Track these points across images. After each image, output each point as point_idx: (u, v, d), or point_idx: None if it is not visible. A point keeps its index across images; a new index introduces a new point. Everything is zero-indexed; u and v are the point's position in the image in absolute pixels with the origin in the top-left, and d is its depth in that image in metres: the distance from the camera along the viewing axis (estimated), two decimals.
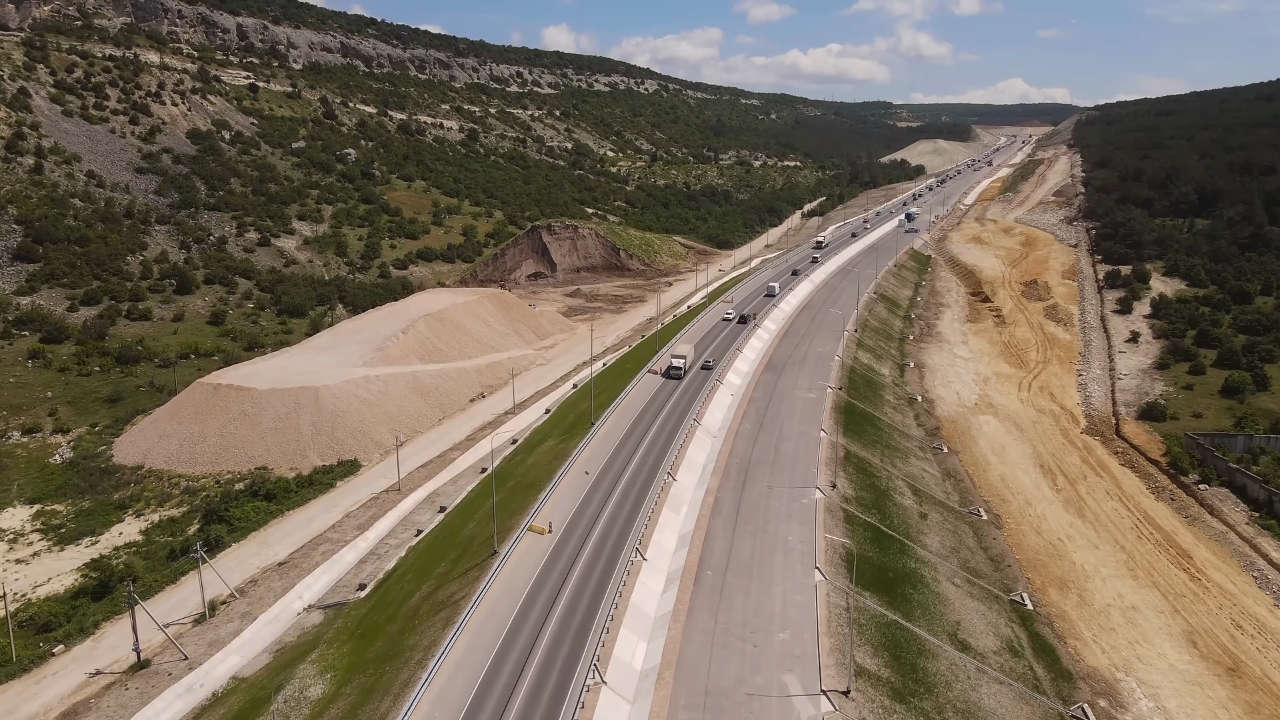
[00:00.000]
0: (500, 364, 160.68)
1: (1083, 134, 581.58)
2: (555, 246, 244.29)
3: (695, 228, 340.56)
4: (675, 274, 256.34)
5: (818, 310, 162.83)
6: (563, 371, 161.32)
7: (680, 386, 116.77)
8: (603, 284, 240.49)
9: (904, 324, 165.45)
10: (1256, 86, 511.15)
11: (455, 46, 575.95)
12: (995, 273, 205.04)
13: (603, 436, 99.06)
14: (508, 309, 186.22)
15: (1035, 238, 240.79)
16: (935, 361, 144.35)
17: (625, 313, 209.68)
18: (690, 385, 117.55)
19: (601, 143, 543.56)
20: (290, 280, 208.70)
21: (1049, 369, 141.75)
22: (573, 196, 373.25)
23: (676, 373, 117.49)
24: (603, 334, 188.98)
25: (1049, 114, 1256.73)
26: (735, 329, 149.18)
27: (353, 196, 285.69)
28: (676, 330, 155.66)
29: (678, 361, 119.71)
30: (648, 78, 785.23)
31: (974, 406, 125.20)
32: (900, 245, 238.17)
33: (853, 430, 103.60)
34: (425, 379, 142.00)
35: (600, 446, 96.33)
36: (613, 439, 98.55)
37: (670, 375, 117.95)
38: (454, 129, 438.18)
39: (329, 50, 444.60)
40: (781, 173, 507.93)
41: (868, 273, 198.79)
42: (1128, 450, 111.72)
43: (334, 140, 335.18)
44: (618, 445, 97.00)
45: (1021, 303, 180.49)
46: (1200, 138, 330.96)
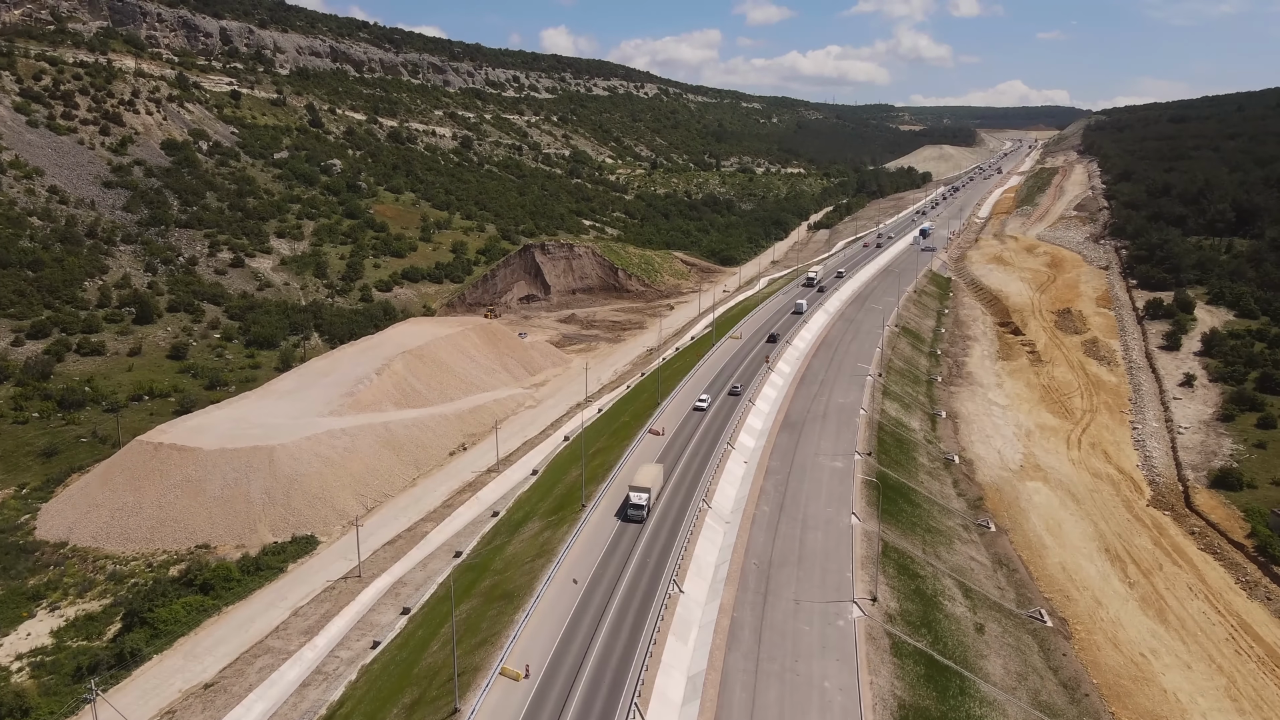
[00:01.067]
0: (485, 407, 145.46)
1: (1093, 140, 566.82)
2: (549, 267, 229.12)
3: (697, 241, 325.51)
4: (677, 295, 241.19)
5: (835, 348, 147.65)
6: (554, 415, 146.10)
7: (686, 455, 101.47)
8: (600, 307, 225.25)
9: (930, 362, 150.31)
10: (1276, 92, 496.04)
11: (450, 50, 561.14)
12: (1023, 299, 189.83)
13: (595, 526, 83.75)
14: (495, 342, 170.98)
15: (1061, 258, 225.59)
16: (969, 410, 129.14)
17: (624, 342, 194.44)
18: (698, 452, 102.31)
19: (600, 149, 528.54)
20: (262, 307, 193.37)
21: (1097, 420, 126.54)
22: (569, 208, 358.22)
23: (637, 514, 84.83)
24: (599, 368, 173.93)
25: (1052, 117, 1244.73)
26: (747, 370, 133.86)
27: (336, 211, 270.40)
28: (682, 371, 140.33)
29: (638, 498, 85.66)
30: (647, 81, 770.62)
31: (1019, 470, 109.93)
32: (917, 265, 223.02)
33: (889, 513, 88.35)
34: (399, 430, 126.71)
35: (592, 540, 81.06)
36: (606, 529, 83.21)
37: (630, 518, 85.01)
38: (447, 136, 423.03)
39: (318, 54, 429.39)
40: (785, 180, 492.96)
41: (886, 299, 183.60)
42: (1204, 529, 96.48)
43: (319, 150, 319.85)
44: (612, 538, 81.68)
45: (1056, 336, 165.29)
46: (1226, 148, 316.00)
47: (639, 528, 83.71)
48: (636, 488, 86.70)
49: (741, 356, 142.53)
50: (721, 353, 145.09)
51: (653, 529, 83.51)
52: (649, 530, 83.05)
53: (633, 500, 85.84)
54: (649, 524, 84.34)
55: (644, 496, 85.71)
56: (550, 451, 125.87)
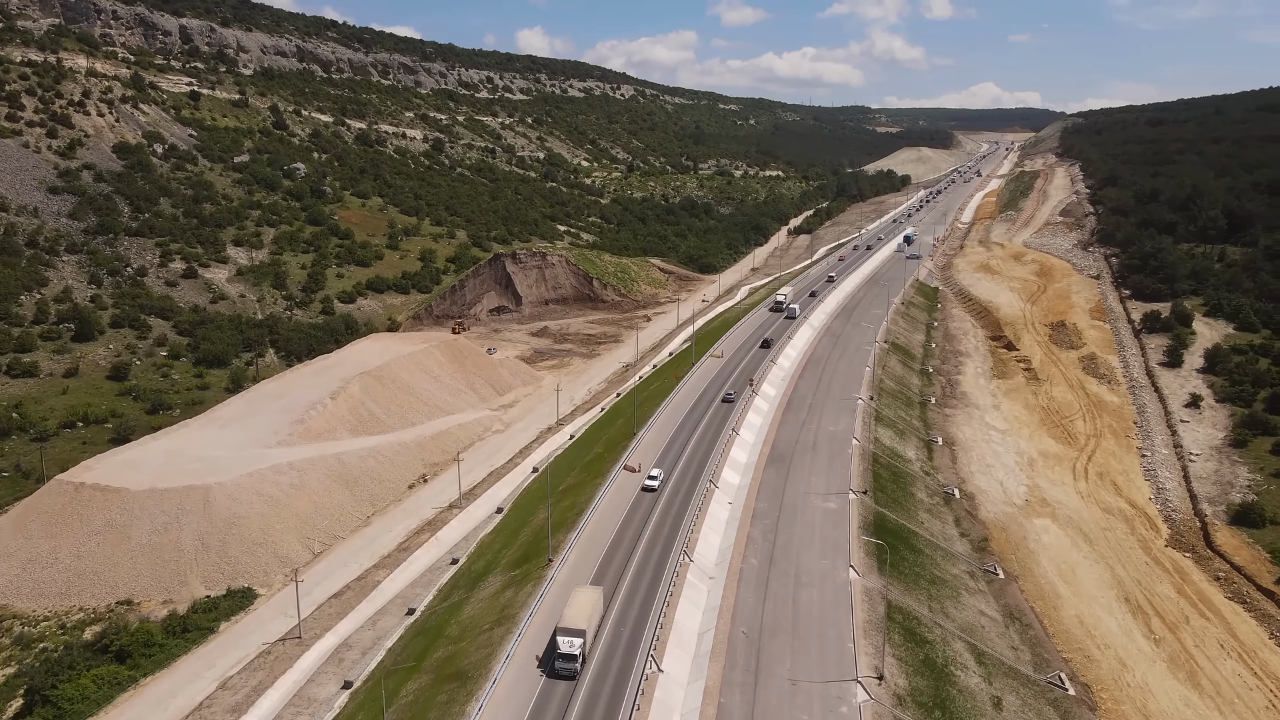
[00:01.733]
0: (450, 433, 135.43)
1: (1072, 143, 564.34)
2: (521, 277, 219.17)
3: (675, 247, 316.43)
4: (654, 305, 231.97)
5: (823, 367, 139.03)
6: (523, 440, 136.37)
7: (665, 495, 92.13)
8: (573, 319, 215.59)
9: (922, 381, 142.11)
10: (1255, 95, 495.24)
11: (422, 50, 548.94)
12: (1014, 311, 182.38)
13: (561, 585, 74.18)
14: (461, 360, 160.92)
15: (1050, 266, 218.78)
16: (967, 436, 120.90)
17: (598, 357, 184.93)
18: (677, 491, 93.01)
19: (575, 152, 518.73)
20: (214, 322, 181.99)
21: (1103, 446, 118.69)
22: (543, 213, 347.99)
23: (567, 668, 61.90)
24: (572, 386, 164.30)
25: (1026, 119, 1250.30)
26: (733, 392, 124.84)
27: (299, 217, 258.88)
28: (660, 394, 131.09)
29: (569, 645, 62.37)
30: (624, 83, 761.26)
31: (1025, 505, 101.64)
32: (902, 275, 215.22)
33: (889, 563, 79.50)
34: (353, 462, 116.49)
35: (560, 601, 71.49)
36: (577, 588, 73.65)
37: (559, 673, 61.89)
38: (418, 138, 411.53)
39: (283, 54, 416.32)
40: (764, 184, 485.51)
41: (873, 312, 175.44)
42: (1230, 574, 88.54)
43: (283, 153, 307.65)
44: None
45: (1051, 351, 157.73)
46: (1210, 152, 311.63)
47: (613, 584, 74.35)
48: (567, 630, 62.51)
49: (724, 377, 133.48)
50: (702, 374, 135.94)
51: (629, 587, 74.16)
52: (624, 590, 73.67)
53: (561, 648, 62.04)
54: (622, 581, 75.00)
55: (577, 643, 62.06)
56: (518, 484, 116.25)
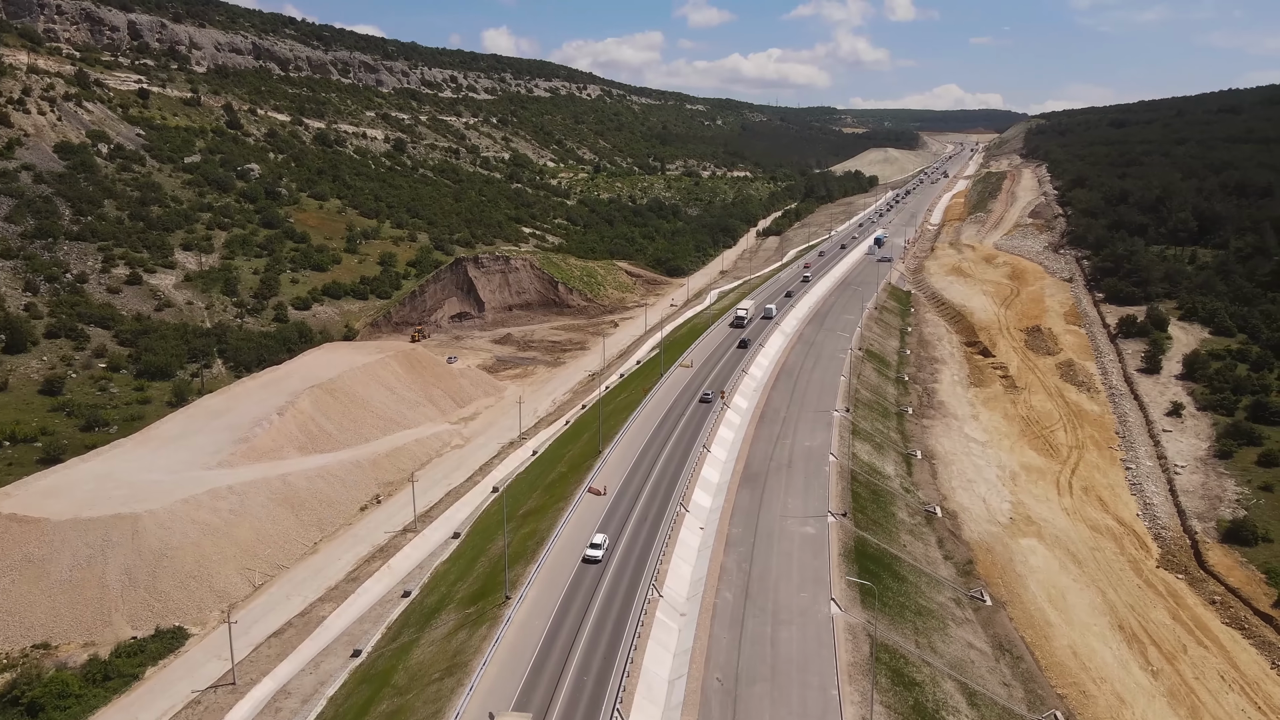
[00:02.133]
0: (406, 449, 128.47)
1: (1037, 144, 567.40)
2: (483, 282, 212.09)
3: (643, 249, 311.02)
4: (621, 310, 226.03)
5: (796, 377, 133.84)
6: (484, 456, 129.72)
7: (632, 520, 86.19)
8: (538, 325, 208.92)
9: (898, 390, 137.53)
10: (1215, 97, 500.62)
11: (384, 49, 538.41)
12: (988, 315, 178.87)
13: (520, 628, 67.92)
14: (420, 370, 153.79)
15: (1022, 269, 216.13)
16: (946, 448, 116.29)
17: (564, 365, 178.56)
18: (645, 516, 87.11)
19: (541, 152, 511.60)
20: (158, 331, 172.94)
21: (1086, 458, 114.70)
22: (508, 215, 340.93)
23: None
24: (536, 397, 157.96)
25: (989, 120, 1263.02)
26: (699, 409, 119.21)
27: (252, 220, 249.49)
28: (628, 406, 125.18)
29: None
30: (590, 82, 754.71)
31: (1010, 524, 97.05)
32: (874, 278, 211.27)
33: (873, 594, 74.24)
34: (301, 483, 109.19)
35: (516, 649, 65.25)
36: (534, 632, 67.45)
37: None
38: (379, 139, 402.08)
39: (238, 52, 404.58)
40: (732, 185, 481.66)
41: (846, 318, 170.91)
42: (1225, 596, 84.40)
43: (236, 153, 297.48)
44: (542, 643, 65.98)
45: (1028, 357, 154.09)
46: (1176, 154, 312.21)
47: (576, 623, 68.28)
48: None
49: (693, 388, 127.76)
50: (670, 385, 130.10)
51: (593, 627, 68.10)
52: (588, 631, 67.58)
53: None
54: (586, 620, 68.91)
55: None
56: (477, 505, 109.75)
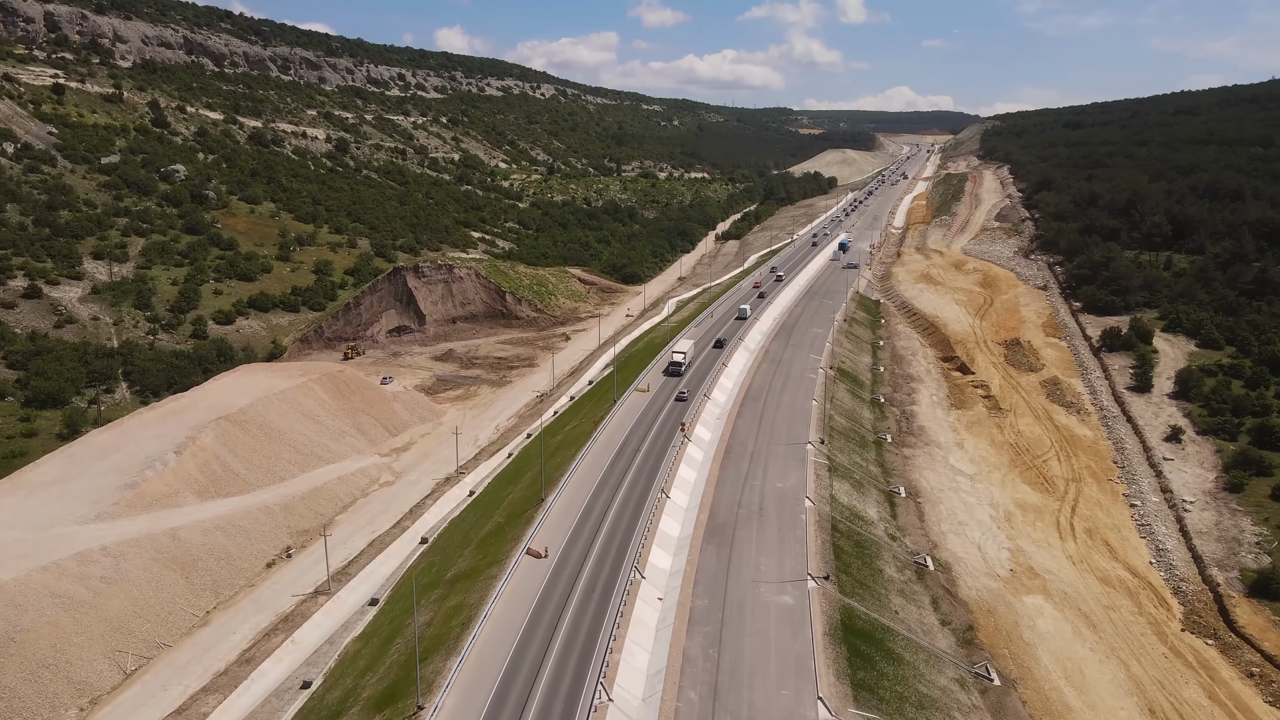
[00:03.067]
0: (327, 488, 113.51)
1: (994, 145, 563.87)
2: (424, 293, 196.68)
3: (598, 254, 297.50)
4: (574, 321, 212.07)
5: (763, 402, 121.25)
6: (416, 495, 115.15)
7: (577, 594, 72.55)
8: (484, 338, 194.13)
9: (875, 415, 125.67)
10: (1172, 98, 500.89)
11: (327, 45, 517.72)
12: (963, 327, 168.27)
13: None
14: (348, 394, 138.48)
15: (994, 276, 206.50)
16: (932, 484, 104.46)
17: (510, 384, 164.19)
18: (593, 586, 73.53)
19: (493, 153, 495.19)
20: (53, 351, 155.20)
21: (1085, 493, 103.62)
22: (456, 218, 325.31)
23: None
24: (478, 422, 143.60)
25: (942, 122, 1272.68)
26: (657, 442, 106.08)
27: (175, 225, 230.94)
28: (577, 440, 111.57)
29: None
30: (544, 82, 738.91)
31: (1011, 578, 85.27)
32: (841, 286, 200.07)
33: (866, 684, 61.69)
34: (195, 538, 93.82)
35: None
36: None
37: None
38: (320, 138, 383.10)
39: (168, 46, 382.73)
40: (689, 186, 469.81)
41: (814, 332, 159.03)
42: (1263, 666, 73.28)
43: (161, 153, 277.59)
44: None
45: (1009, 374, 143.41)
46: (1140, 155, 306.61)
47: None
48: None
49: (650, 417, 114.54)
50: (624, 414, 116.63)
51: None
52: None
53: None
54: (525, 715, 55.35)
55: None
56: (403, 559, 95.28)
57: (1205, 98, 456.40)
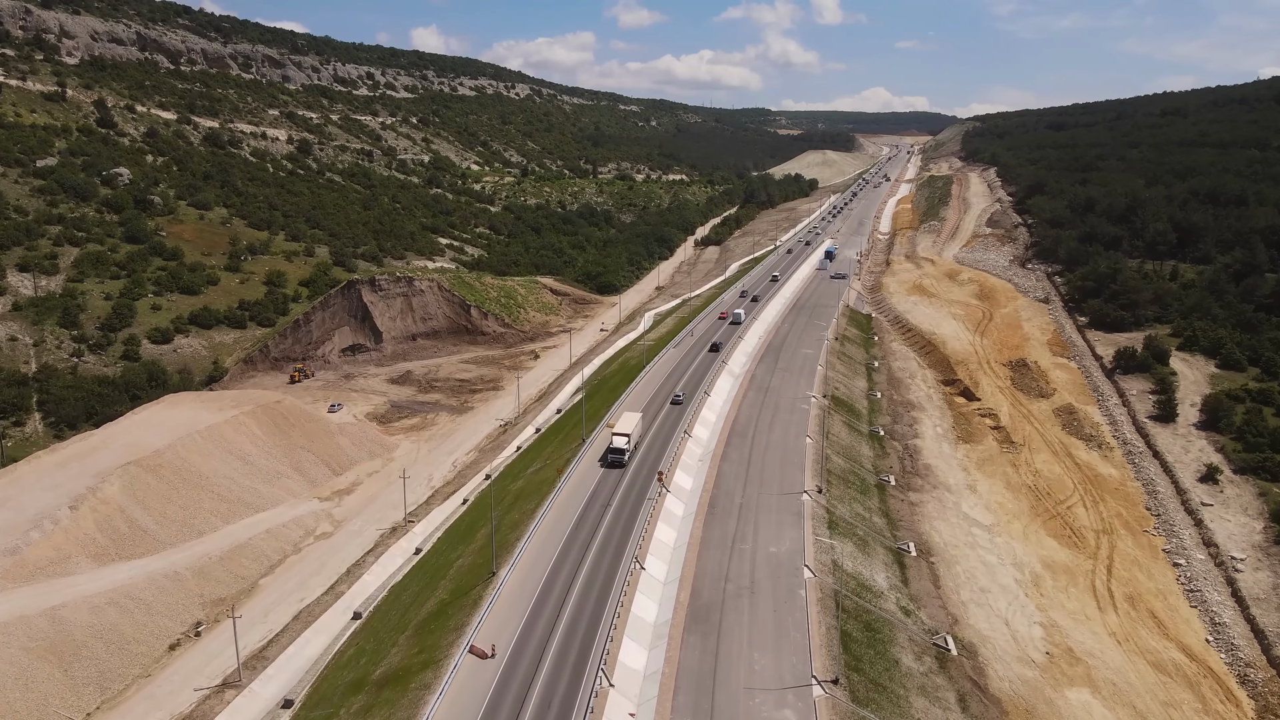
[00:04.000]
0: (252, 544, 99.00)
1: (976, 147, 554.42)
2: (381, 308, 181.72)
3: (572, 261, 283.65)
4: (544, 336, 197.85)
5: (750, 439, 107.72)
6: (356, 551, 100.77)
7: (531, 706, 58.56)
8: (446, 358, 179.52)
9: (874, 451, 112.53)
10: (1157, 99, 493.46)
11: (292, 42, 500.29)
12: (963, 345, 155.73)
13: None
14: (286, 429, 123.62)
15: (991, 287, 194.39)
16: (945, 537, 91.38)
17: (471, 411, 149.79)
18: (552, 693, 59.62)
19: (465, 154, 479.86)
20: None
21: (1120, 549, 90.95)
22: (423, 223, 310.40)
23: None
24: (433, 458, 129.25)
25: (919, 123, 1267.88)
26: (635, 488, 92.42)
27: (114, 233, 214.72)
28: (539, 490, 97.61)
29: None
30: (519, 81, 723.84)
31: (1048, 663, 72.27)
32: (830, 299, 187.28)
33: None
34: (80, 618, 79.07)
35: None
36: None
37: None
38: (281, 140, 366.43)
39: (120, 42, 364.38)
40: (667, 189, 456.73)
41: (804, 353, 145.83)
42: None
43: (105, 156, 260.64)
44: None
45: (1019, 401, 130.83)
46: (1132, 158, 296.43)
47: None
48: None
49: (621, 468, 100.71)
50: (592, 459, 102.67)
51: None
52: None
53: None
54: None
55: None
56: (329, 641, 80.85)
57: (1191, 99, 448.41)
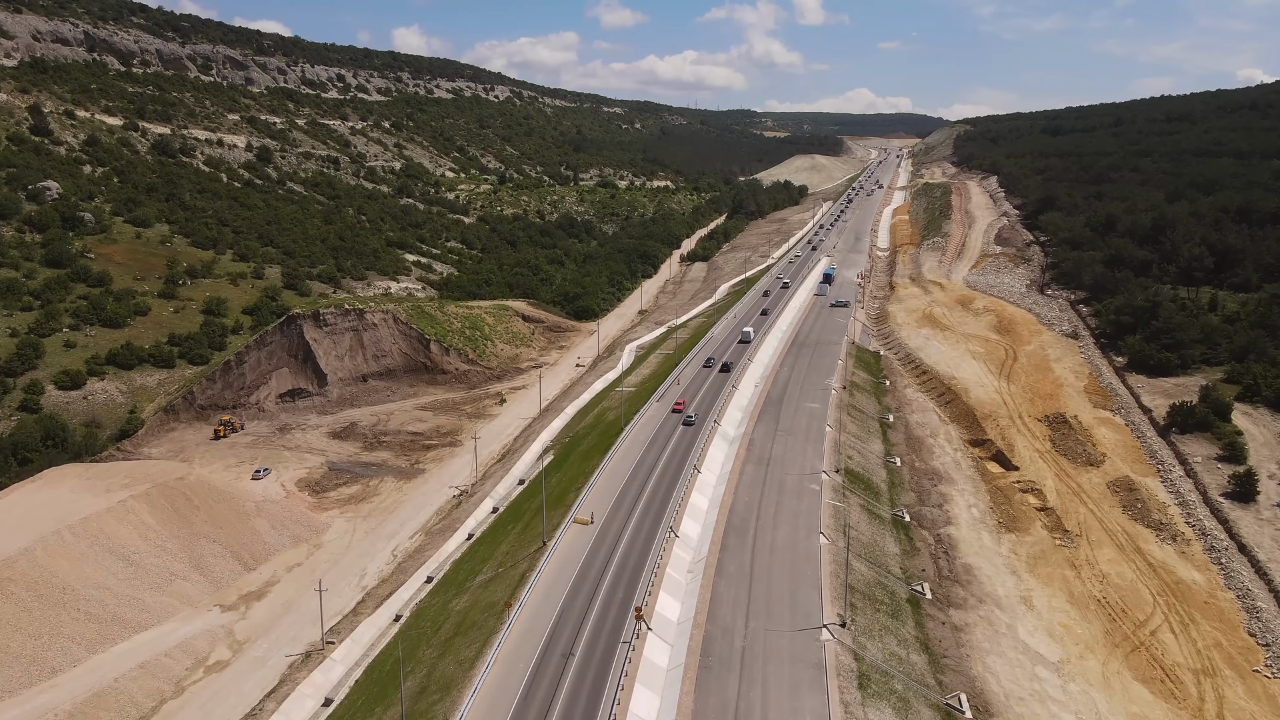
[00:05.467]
0: (117, 690, 77.82)
1: (971, 152, 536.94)
2: (326, 346, 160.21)
3: (549, 279, 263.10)
4: (513, 373, 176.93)
5: (751, 540, 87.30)
6: (252, 694, 79.60)
7: None
8: (400, 402, 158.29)
9: (902, 545, 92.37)
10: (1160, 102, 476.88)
11: (257, 42, 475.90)
12: (988, 393, 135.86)
13: None
14: (188, 513, 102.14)
15: (1009, 318, 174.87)
16: (1004, 684, 71.14)
17: (423, 473, 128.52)
18: None
19: (440, 161, 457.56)
20: None
21: (1227, 697, 70.95)
22: (390, 238, 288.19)
23: None
24: (371, 542, 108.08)
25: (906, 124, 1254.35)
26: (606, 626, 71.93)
27: (33, 256, 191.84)
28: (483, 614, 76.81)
29: None
30: (499, 83, 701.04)
31: None
32: (832, 333, 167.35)
33: None
34: None
35: None
36: None
37: None
38: (240, 147, 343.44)
39: (65, 42, 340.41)
40: (652, 197, 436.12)
41: (807, 406, 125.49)
42: None
43: (34, 167, 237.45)
44: None
45: (1064, 470, 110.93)
46: (1146, 169, 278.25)
47: None
48: None
49: (593, 581, 79.98)
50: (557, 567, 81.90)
51: None
52: None
53: None
54: None
55: None
56: None
57: (1198, 103, 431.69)
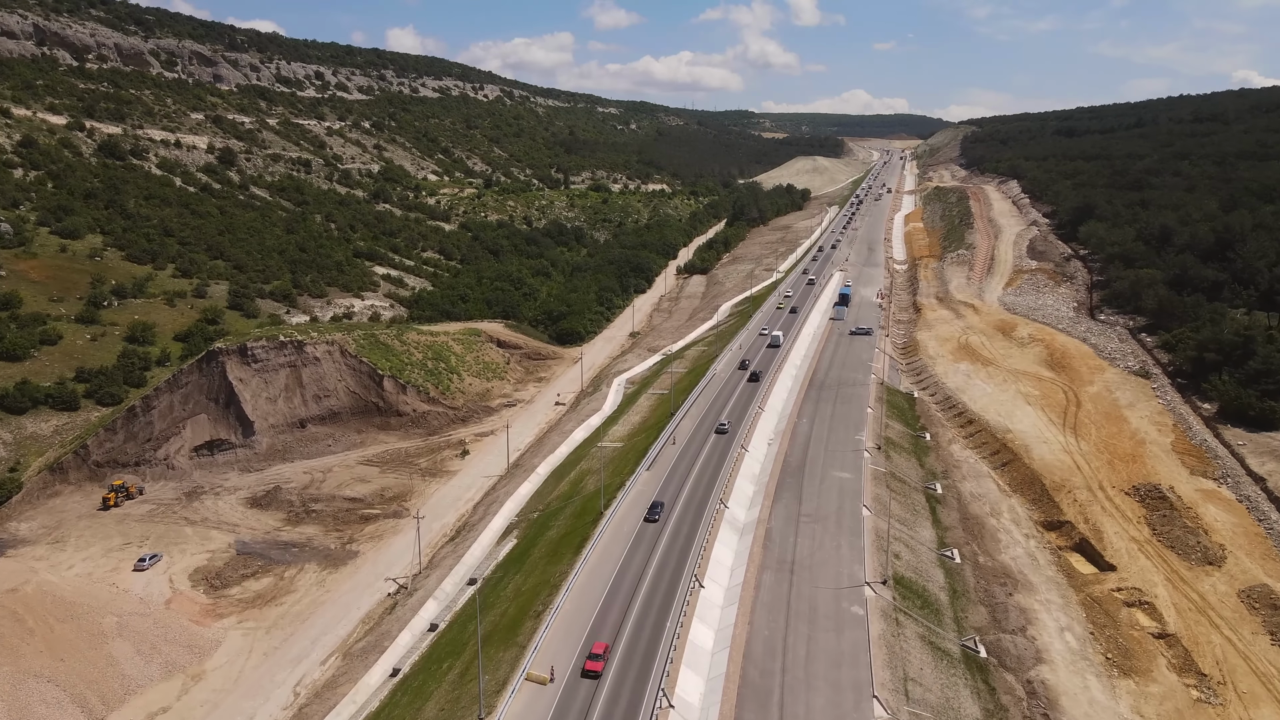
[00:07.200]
0: None
1: (980, 155, 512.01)
2: (255, 387, 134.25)
3: (532, 293, 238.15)
4: (483, 413, 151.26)
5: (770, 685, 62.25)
6: None
7: None
8: (343, 453, 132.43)
9: (981, 698, 66.82)
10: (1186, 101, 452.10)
11: (229, 37, 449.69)
12: (1053, 453, 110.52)
13: None
14: (16, 641, 76.15)
15: (1061, 350, 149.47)
16: None
17: (355, 558, 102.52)
18: None
19: (422, 163, 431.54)
20: None
21: None
22: (357, 250, 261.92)
23: None
24: (270, 670, 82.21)
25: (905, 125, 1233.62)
26: None
27: None
28: None
29: None
30: (489, 82, 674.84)
31: None
32: (856, 370, 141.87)
33: None
34: None
35: None
36: None
37: None
38: (200, 148, 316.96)
39: (11, 35, 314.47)
40: (646, 202, 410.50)
41: (835, 476, 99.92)
42: None
43: None
44: None
45: (1176, 575, 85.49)
46: (1190, 174, 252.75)
47: None
48: None
49: None
50: None
51: None
52: None
53: None
54: None
55: None
56: None
57: (1230, 101, 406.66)
